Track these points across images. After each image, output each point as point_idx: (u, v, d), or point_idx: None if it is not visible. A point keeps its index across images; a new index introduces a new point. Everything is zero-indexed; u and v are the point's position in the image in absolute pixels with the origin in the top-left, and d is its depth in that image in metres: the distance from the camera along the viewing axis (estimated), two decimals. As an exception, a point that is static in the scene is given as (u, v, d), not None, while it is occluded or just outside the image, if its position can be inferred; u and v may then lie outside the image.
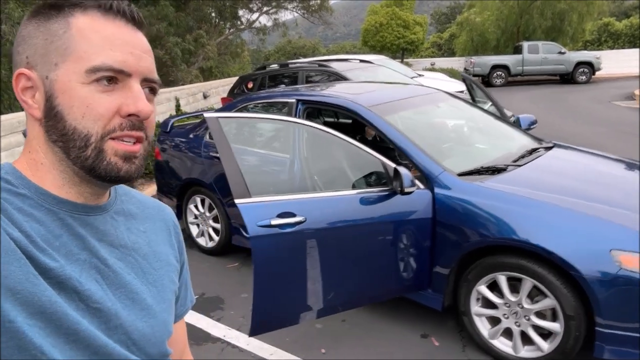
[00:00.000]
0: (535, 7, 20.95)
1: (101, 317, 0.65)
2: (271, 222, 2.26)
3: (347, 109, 3.19)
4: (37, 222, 0.62)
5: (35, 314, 0.57)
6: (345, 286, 2.57)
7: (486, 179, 2.74)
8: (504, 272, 2.51)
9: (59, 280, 0.61)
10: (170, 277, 0.80)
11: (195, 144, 4.15)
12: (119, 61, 0.64)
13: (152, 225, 0.81)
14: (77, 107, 0.63)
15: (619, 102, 12.37)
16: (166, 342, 0.78)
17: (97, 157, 0.65)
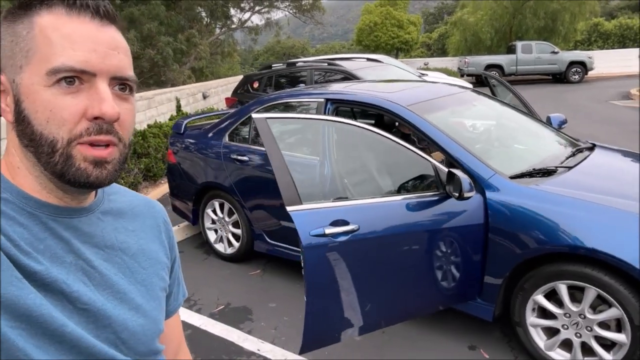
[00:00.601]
0: (528, 6, 21.02)
1: (89, 318, 0.65)
2: (325, 231, 2.09)
3: (384, 108, 3.03)
4: (20, 226, 0.62)
5: (19, 316, 0.56)
6: (398, 298, 2.41)
7: (540, 181, 2.60)
8: (564, 281, 2.37)
9: (45, 282, 0.60)
10: (160, 275, 0.80)
11: (214, 146, 3.96)
12: (80, 61, 0.61)
13: (141, 224, 0.80)
14: (41, 112, 0.61)
15: (617, 102, 12.40)
16: (157, 340, 0.78)
17: (66, 163, 0.62)
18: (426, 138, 2.83)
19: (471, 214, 2.54)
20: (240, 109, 3.98)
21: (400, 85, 3.65)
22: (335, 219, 2.15)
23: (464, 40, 22.69)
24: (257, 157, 3.63)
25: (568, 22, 20.72)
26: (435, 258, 2.49)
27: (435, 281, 2.52)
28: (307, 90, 3.73)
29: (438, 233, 2.48)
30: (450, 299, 2.63)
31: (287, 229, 3.54)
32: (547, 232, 2.38)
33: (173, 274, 0.87)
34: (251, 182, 3.67)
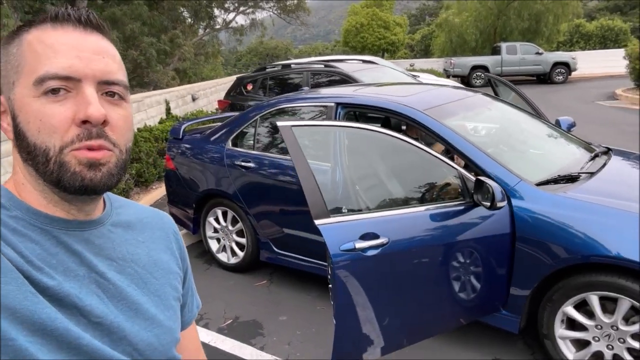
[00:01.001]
0: (513, 8, 21.23)
1: (104, 331, 0.65)
2: (355, 245, 1.97)
3: (400, 113, 2.92)
4: (32, 242, 0.63)
5: (36, 331, 0.57)
6: (424, 313, 2.30)
7: (566, 188, 2.52)
8: (596, 292, 2.29)
9: (58, 297, 0.61)
10: (172, 284, 0.80)
11: (216, 152, 3.80)
12: (63, 67, 0.62)
13: (150, 235, 0.81)
14: (32, 122, 0.62)
15: (603, 102, 12.54)
16: (174, 349, 0.78)
17: (60, 170, 0.63)
18: (445, 143, 2.73)
19: (497, 223, 2.44)
20: (244, 113, 3.83)
21: (410, 88, 3.55)
22: (365, 232, 2.03)
23: (450, 42, 22.81)
24: (263, 163, 3.49)
25: (551, 24, 20.99)
26: (461, 270, 2.39)
27: (460, 294, 2.42)
28: (315, 94, 3.60)
29: (464, 244, 2.37)
30: (475, 313, 2.54)
31: (296, 238, 3.41)
32: (578, 242, 2.30)
33: (186, 284, 0.87)
34: (257, 189, 3.53)
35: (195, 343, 0.94)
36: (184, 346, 0.86)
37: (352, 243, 1.97)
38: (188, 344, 0.89)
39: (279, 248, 3.56)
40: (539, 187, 2.52)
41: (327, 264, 2.03)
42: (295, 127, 2.07)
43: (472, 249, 2.40)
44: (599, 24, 25.29)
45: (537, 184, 2.53)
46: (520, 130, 3.43)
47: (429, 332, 2.38)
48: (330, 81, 6.25)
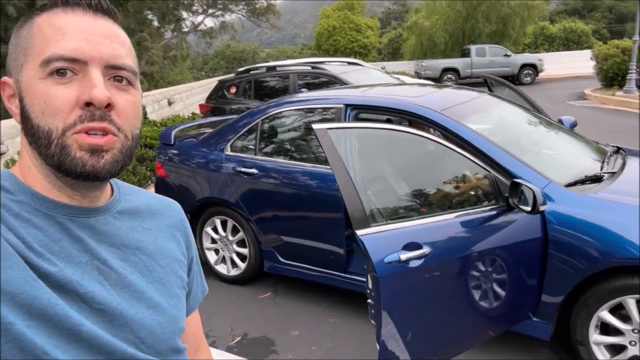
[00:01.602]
0: (481, 11, 21.65)
1: (105, 318, 0.65)
2: (400, 257, 1.83)
3: (416, 114, 2.80)
4: (35, 228, 0.63)
5: (35, 315, 0.57)
6: (465, 325, 2.18)
7: (595, 189, 2.46)
8: (634, 295, 2.22)
9: (59, 284, 0.61)
10: (177, 273, 0.79)
11: (214, 158, 3.59)
12: (70, 49, 0.62)
13: (158, 222, 0.80)
14: (37, 104, 0.62)
15: (572, 102, 12.87)
16: (178, 338, 0.77)
17: (62, 153, 0.62)
18: (467, 145, 2.62)
19: (529, 227, 2.35)
20: (243, 116, 3.63)
21: (417, 89, 3.44)
22: (407, 242, 1.89)
23: (420, 44, 23.08)
24: (267, 169, 3.31)
25: (518, 26, 21.53)
26: (494, 278, 2.28)
27: (495, 304, 2.31)
28: (320, 95, 3.44)
29: (498, 250, 2.27)
30: (507, 322, 2.43)
31: (303, 246, 3.25)
32: (614, 244, 2.23)
33: (192, 272, 0.87)
34: (261, 196, 3.34)
35: (198, 330, 0.93)
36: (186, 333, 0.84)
37: (397, 254, 1.83)
38: (189, 331, 0.87)
39: (284, 257, 3.39)
40: (568, 188, 2.44)
41: (367, 278, 1.88)
42: (331, 130, 1.91)
43: (505, 256, 2.29)
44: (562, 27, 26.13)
45: (565, 185, 2.45)
46: (530, 130, 3.38)
47: (468, 345, 2.26)
48: (317, 83, 6.10)
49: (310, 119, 3.29)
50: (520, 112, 3.49)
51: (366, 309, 3.13)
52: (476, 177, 2.36)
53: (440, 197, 2.28)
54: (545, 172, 2.50)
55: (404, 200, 2.23)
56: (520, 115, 3.45)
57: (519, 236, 2.33)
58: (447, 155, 2.31)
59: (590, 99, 13.02)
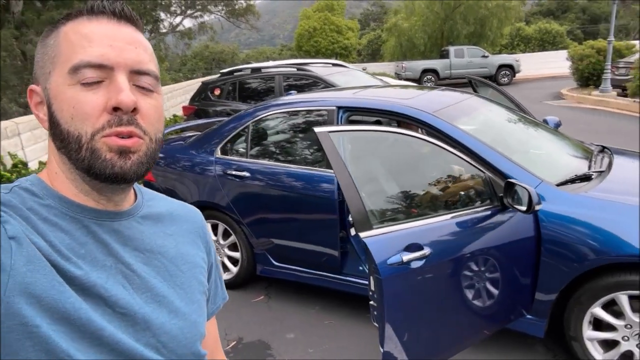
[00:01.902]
0: (459, 12, 21.92)
1: (128, 322, 0.66)
2: (403, 258, 1.83)
3: (409, 116, 2.82)
4: (62, 232, 0.64)
5: (60, 319, 0.59)
6: (463, 325, 2.20)
7: (585, 188, 2.51)
8: (626, 291, 2.28)
9: (84, 287, 0.62)
10: (198, 278, 0.80)
11: (204, 161, 3.56)
12: (97, 55, 0.64)
13: (179, 228, 0.81)
14: (66, 110, 0.64)
15: (550, 102, 13.13)
16: (199, 343, 0.77)
17: (92, 157, 0.64)
18: (460, 146, 2.65)
19: (522, 226, 2.38)
20: (233, 119, 3.60)
21: (407, 91, 3.46)
22: (409, 243, 1.90)
23: (399, 46, 23.25)
24: (259, 172, 3.29)
25: (495, 27, 21.86)
26: (489, 278, 2.31)
27: (490, 303, 2.34)
28: (311, 97, 3.43)
29: (493, 250, 2.30)
30: (503, 320, 2.46)
31: (296, 249, 3.24)
32: (606, 242, 2.28)
33: (211, 278, 0.87)
34: (253, 199, 3.32)
35: (214, 335, 0.94)
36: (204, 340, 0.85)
37: (399, 256, 1.83)
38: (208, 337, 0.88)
39: (277, 260, 3.37)
40: (559, 187, 2.49)
41: (370, 280, 1.88)
42: (333, 133, 1.90)
43: (499, 255, 2.32)
44: (537, 28, 26.65)
45: (557, 185, 2.50)
46: (518, 130, 3.43)
47: (466, 344, 2.28)
48: (303, 84, 6.09)
49: (302, 121, 3.28)
50: (506, 112, 3.55)
51: (361, 310, 3.15)
52: (471, 177, 2.39)
53: (438, 198, 2.30)
54: (536, 172, 2.54)
55: (404, 201, 2.24)
56: (507, 115, 3.51)
57: (512, 235, 2.37)
58: (443, 156, 2.33)
59: (567, 98, 13.30)
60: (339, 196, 2.94)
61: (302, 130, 3.29)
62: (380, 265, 1.79)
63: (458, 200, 2.38)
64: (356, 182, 1.93)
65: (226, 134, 3.52)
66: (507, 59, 19.85)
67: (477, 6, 21.34)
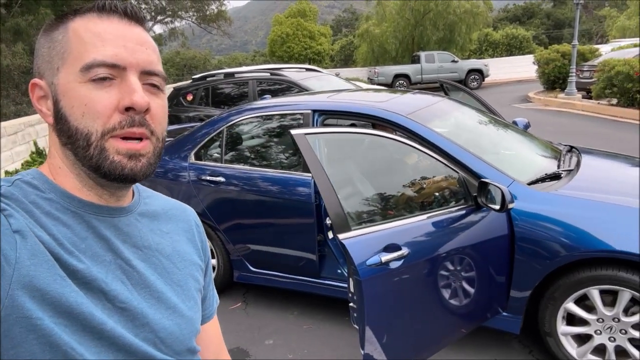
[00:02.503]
0: (428, 19, 22.33)
1: (127, 317, 0.67)
2: (381, 259, 1.84)
3: (383, 118, 2.84)
4: (64, 226, 0.65)
5: (62, 313, 0.59)
6: (440, 324, 2.22)
7: (555, 186, 2.57)
8: (597, 286, 2.34)
9: (86, 281, 0.63)
10: (194, 276, 0.81)
11: (177, 167, 3.50)
12: (109, 55, 0.64)
13: (175, 226, 0.82)
14: (77, 107, 0.64)
15: (518, 105, 13.46)
16: (194, 339, 0.78)
17: (100, 156, 0.65)
18: (433, 148, 2.68)
19: (496, 225, 2.42)
20: (207, 124, 3.56)
21: (381, 95, 3.50)
22: (387, 244, 1.91)
23: (372, 51, 23.52)
24: (234, 177, 3.25)
25: (464, 33, 22.35)
26: (465, 276, 2.34)
27: (467, 301, 2.37)
28: (287, 101, 3.42)
29: (468, 249, 2.33)
30: (480, 319, 2.50)
31: (274, 254, 3.21)
32: (577, 238, 2.33)
33: (207, 277, 0.88)
34: (229, 204, 3.28)
35: (218, 336, 0.94)
36: (207, 339, 0.87)
37: (378, 257, 1.84)
38: (211, 337, 0.90)
39: (254, 266, 3.34)
40: (530, 186, 2.55)
41: (349, 281, 1.88)
42: (309, 135, 1.90)
43: (475, 253, 2.36)
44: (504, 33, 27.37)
45: (528, 184, 2.56)
46: (489, 132, 3.50)
47: (444, 344, 2.30)
48: (277, 89, 6.08)
49: (277, 125, 3.27)
50: (477, 115, 3.62)
51: (340, 314, 3.15)
52: (446, 178, 2.42)
53: (414, 198, 2.32)
54: (508, 172, 2.59)
55: (381, 202, 2.26)
56: (478, 117, 3.57)
57: (487, 234, 2.40)
58: (418, 158, 2.35)
59: (534, 101, 13.67)
60: (316, 200, 2.94)
61: (277, 134, 3.28)
62: (359, 267, 1.79)
63: (434, 201, 2.41)
64: (334, 184, 1.94)
65: (200, 140, 3.48)
66: (476, 63, 20.29)
67: (447, 12, 21.80)
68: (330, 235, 3.10)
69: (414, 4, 22.42)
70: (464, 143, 2.80)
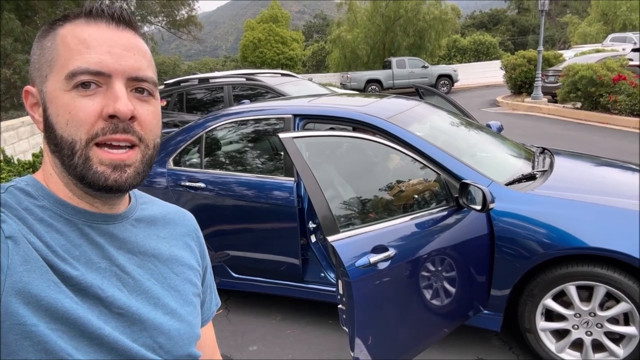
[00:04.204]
0: (399, 25, 22.67)
1: (125, 322, 0.66)
2: (370, 260, 1.86)
3: (364, 122, 2.88)
4: (58, 233, 0.64)
5: (58, 319, 0.59)
6: (426, 323, 2.25)
7: (531, 187, 2.65)
8: (574, 282, 2.42)
9: (81, 287, 0.62)
10: (192, 281, 0.81)
11: (155, 173, 3.45)
12: (93, 62, 0.63)
13: (172, 231, 0.81)
14: (62, 115, 0.63)
15: (487, 109, 13.79)
16: (194, 345, 0.78)
17: (84, 165, 0.64)
18: (413, 150, 2.73)
19: (477, 225, 2.48)
20: (185, 129, 3.53)
21: (360, 99, 3.54)
22: (375, 245, 1.93)
23: (344, 57, 23.72)
24: (214, 182, 3.23)
25: (434, 39, 22.79)
26: (448, 276, 2.39)
27: (450, 300, 2.41)
28: (267, 105, 3.42)
29: (450, 249, 2.38)
30: (462, 317, 2.55)
31: (256, 260, 3.20)
32: (554, 236, 2.41)
33: (205, 282, 0.87)
34: (209, 210, 3.25)
35: (212, 340, 0.95)
36: (201, 342, 0.86)
37: (367, 258, 1.86)
38: (205, 339, 0.90)
39: (236, 272, 3.31)
40: (508, 187, 2.62)
41: (338, 284, 1.89)
42: (297, 139, 1.91)
43: (457, 253, 2.41)
44: (472, 39, 28.06)
45: (505, 184, 2.63)
46: (465, 134, 3.58)
47: (429, 343, 2.34)
48: (253, 94, 6.06)
49: (258, 130, 3.27)
50: (453, 118, 3.70)
51: (323, 317, 3.15)
52: (428, 180, 2.47)
53: (399, 200, 2.36)
54: (486, 173, 2.66)
55: (366, 205, 2.28)
56: (454, 121, 3.66)
57: (468, 234, 2.46)
58: (401, 160, 2.39)
59: (502, 105, 14.02)
60: (299, 204, 2.94)
61: (259, 138, 3.27)
62: (349, 268, 1.81)
63: (417, 202, 2.45)
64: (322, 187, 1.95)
65: (180, 144, 3.44)
66: (445, 69, 20.69)
67: (416, 19, 22.19)
68: (313, 239, 3.11)
69: (384, 10, 22.77)
70: (443, 145, 2.86)
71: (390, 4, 22.59)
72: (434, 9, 22.45)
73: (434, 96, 4.77)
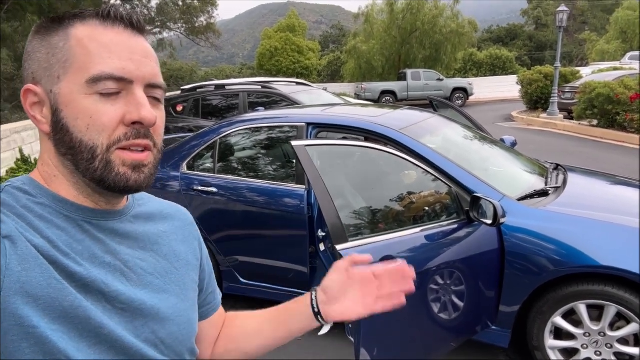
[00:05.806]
0: (415, 37, 22.75)
1: (127, 318, 0.66)
2: (377, 270, 1.86)
3: (375, 132, 2.89)
4: (59, 229, 0.63)
5: (58, 318, 0.58)
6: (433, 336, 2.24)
7: (543, 203, 2.63)
8: (584, 301, 2.39)
9: (85, 283, 0.62)
10: (191, 276, 0.81)
11: (168, 177, 3.49)
12: (117, 68, 0.63)
13: (170, 226, 0.82)
14: (81, 119, 0.63)
15: (501, 123, 13.71)
16: (193, 340, 0.79)
17: (106, 169, 0.64)
18: (424, 162, 2.73)
19: (487, 239, 2.47)
20: (200, 135, 3.57)
21: (375, 110, 3.56)
22: (383, 256, 1.93)
23: (359, 67, 23.84)
24: (227, 187, 3.26)
25: (450, 52, 22.80)
26: (458, 290, 2.38)
27: (458, 314, 2.40)
28: (280, 113, 3.46)
29: (460, 262, 2.37)
30: (469, 332, 2.53)
31: (265, 266, 3.22)
32: (566, 253, 2.39)
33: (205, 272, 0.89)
34: (220, 215, 3.28)
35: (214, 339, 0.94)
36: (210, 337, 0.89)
37: (374, 268, 1.86)
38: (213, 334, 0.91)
39: (244, 277, 3.33)
40: (520, 202, 2.60)
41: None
42: (309, 147, 1.93)
43: (466, 267, 2.40)
44: (488, 53, 28.03)
45: (517, 200, 2.62)
46: (478, 148, 3.57)
47: (434, 356, 2.32)
48: (268, 102, 6.12)
49: (272, 137, 3.30)
50: (466, 131, 3.69)
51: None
52: (439, 192, 2.47)
53: (409, 212, 2.36)
54: (498, 187, 2.65)
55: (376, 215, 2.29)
56: (467, 134, 3.65)
57: (478, 248, 2.45)
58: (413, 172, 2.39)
59: (517, 120, 13.94)
60: (309, 211, 2.96)
61: (272, 146, 3.30)
62: (356, 278, 1.81)
63: (427, 214, 2.45)
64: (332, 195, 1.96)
65: (194, 149, 3.49)
66: (461, 82, 20.67)
67: (433, 32, 22.25)
68: (322, 247, 3.12)
69: (401, 22, 22.86)
70: (455, 158, 2.86)
71: (408, 16, 22.69)
72: (451, 22, 22.50)
73: (448, 109, 4.76)
